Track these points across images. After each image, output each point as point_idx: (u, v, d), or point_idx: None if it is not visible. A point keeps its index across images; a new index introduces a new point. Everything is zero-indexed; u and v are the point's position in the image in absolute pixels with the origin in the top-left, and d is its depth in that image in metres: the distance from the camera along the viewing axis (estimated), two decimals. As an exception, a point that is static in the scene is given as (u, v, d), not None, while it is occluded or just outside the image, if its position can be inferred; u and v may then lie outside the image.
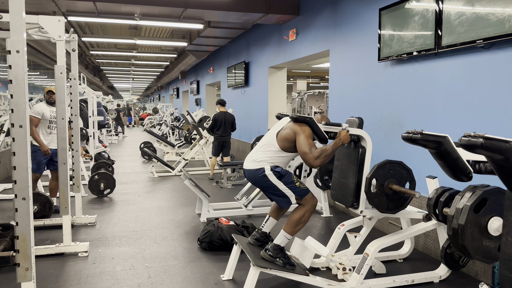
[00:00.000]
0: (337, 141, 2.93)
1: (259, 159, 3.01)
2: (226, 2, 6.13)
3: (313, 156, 2.84)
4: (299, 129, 2.95)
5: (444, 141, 2.45)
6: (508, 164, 1.52)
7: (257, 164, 3.00)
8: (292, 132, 2.97)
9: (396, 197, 3.04)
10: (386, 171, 2.98)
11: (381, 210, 3.01)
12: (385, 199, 3.01)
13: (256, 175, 3.00)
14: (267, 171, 2.95)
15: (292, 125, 3.01)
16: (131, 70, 20.45)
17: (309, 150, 2.85)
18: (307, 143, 2.88)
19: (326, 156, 2.86)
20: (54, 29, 3.43)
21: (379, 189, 2.97)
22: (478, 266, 3.26)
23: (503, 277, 1.59)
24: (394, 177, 3.00)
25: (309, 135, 2.92)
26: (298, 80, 20.34)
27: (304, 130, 2.93)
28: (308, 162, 2.88)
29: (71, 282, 3.16)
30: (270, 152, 3.01)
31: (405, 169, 3.06)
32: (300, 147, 2.90)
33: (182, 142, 11.55)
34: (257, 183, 3.05)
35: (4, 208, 5.36)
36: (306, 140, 2.88)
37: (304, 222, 3.00)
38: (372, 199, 2.96)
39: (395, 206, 3.05)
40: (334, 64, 5.49)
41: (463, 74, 3.40)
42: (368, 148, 3.04)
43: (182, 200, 5.89)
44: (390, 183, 2.99)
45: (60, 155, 3.61)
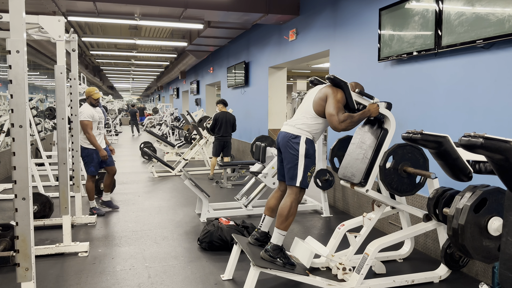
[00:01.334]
0: (366, 111, 2.99)
1: (299, 126, 3.03)
2: (226, 2, 6.13)
3: (338, 119, 2.87)
4: (332, 92, 2.97)
5: (444, 141, 2.45)
6: (508, 164, 1.52)
7: (297, 131, 3.01)
8: (325, 95, 2.99)
9: (407, 181, 3.03)
10: (405, 152, 2.99)
11: (389, 188, 3.00)
12: (396, 179, 3.00)
13: (289, 139, 3.01)
14: (302, 141, 2.98)
15: (326, 89, 3.03)
16: (131, 70, 20.45)
17: (336, 113, 2.88)
18: (336, 106, 2.91)
19: (351, 123, 2.90)
20: (54, 29, 3.43)
21: (393, 168, 2.98)
22: (478, 266, 3.26)
23: (503, 277, 1.59)
24: (410, 161, 3.00)
25: (339, 100, 2.95)
26: (298, 80, 20.33)
27: (336, 94, 2.96)
28: (333, 124, 2.90)
29: (71, 282, 3.16)
30: (309, 119, 3.03)
31: (423, 157, 3.05)
32: (328, 109, 2.93)
33: (182, 142, 11.55)
34: (285, 147, 3.05)
35: (4, 208, 5.36)
36: (335, 103, 2.92)
37: (293, 214, 3.01)
38: (384, 175, 2.95)
39: (403, 189, 3.04)
40: (334, 64, 5.48)
41: (463, 74, 3.40)
42: (390, 131, 3.05)
43: (182, 200, 5.89)
44: (405, 165, 2.99)
45: (60, 155, 3.61)
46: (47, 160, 6.66)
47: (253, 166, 5.12)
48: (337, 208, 5.45)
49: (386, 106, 3.26)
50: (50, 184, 6.58)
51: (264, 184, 5.02)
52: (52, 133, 10.81)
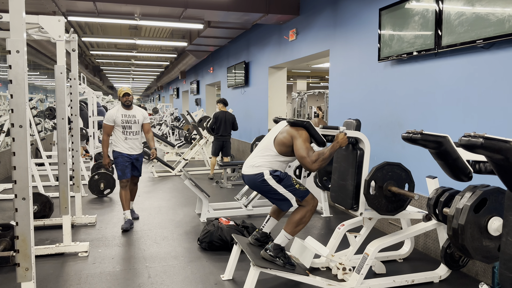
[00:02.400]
0: (334, 144, 2.93)
1: (257, 164, 3.00)
2: (226, 2, 6.13)
3: (310, 160, 2.84)
4: (296, 133, 2.94)
5: (444, 141, 2.45)
6: (508, 164, 1.52)
7: (256, 169, 2.99)
8: (290, 136, 2.96)
9: (395, 198, 3.04)
10: (384, 173, 2.98)
11: (381, 212, 3.02)
12: (384, 201, 3.01)
13: (255, 180, 2.99)
14: (266, 176, 2.95)
15: (289, 129, 3.00)
16: (131, 70, 20.45)
17: (306, 154, 2.84)
18: (305, 147, 2.87)
19: (323, 160, 2.86)
20: (54, 29, 3.43)
21: (378, 191, 2.97)
22: (478, 266, 3.26)
23: (503, 277, 1.59)
24: (393, 179, 3.00)
25: (306, 139, 2.92)
26: (298, 80, 20.33)
27: (301, 134, 2.93)
28: (306, 166, 2.88)
29: (71, 282, 3.16)
30: (268, 157, 3.00)
31: (404, 170, 3.06)
32: (297, 151, 2.90)
33: (182, 142, 11.55)
34: (257, 188, 3.05)
35: (4, 208, 5.36)
36: (303, 144, 2.88)
37: (305, 223, 3.00)
38: (371, 201, 2.96)
39: (394, 207, 3.06)
40: (334, 64, 5.48)
41: (463, 74, 3.40)
42: (366, 150, 3.04)
43: (182, 200, 5.89)
44: (389, 185, 2.99)
45: (60, 155, 3.61)
46: (47, 160, 6.66)
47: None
48: (337, 208, 5.45)
49: (356, 124, 3.25)
50: (50, 184, 6.58)
51: (264, 184, 5.01)
52: (52, 133, 10.81)
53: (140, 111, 4.68)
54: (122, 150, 4.53)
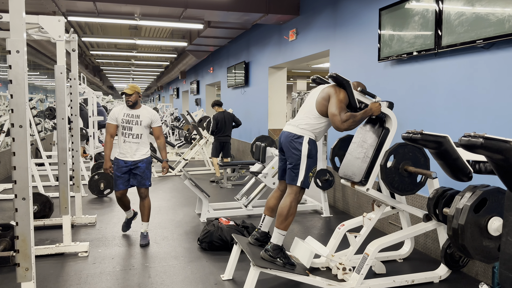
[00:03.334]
0: (368, 110, 2.99)
1: (302, 126, 3.03)
2: (226, 2, 6.13)
3: (341, 119, 2.88)
4: (334, 91, 2.98)
5: (444, 141, 2.45)
6: (508, 164, 1.52)
7: (300, 131, 3.02)
8: (327, 95, 3.00)
9: (407, 180, 3.03)
10: (406, 151, 2.99)
11: (390, 187, 3.00)
12: (397, 179, 3.00)
13: (293, 139, 3.01)
14: (305, 141, 2.98)
15: (328, 89, 3.03)
16: (131, 70, 20.45)
17: (338, 112, 2.89)
18: (338, 105, 2.91)
19: (353, 122, 2.91)
20: (54, 29, 3.43)
21: (394, 167, 2.98)
22: (478, 266, 3.26)
23: (503, 277, 1.59)
24: (411, 160, 3.01)
25: (342, 99, 2.96)
26: (298, 80, 20.32)
27: (339, 93, 2.97)
28: (335, 123, 2.91)
29: (71, 282, 3.16)
30: (312, 119, 3.03)
31: (424, 156, 3.06)
32: (330, 108, 2.94)
33: (182, 142, 11.55)
34: (289, 146, 3.05)
35: (4, 208, 5.36)
36: (338, 103, 2.92)
37: (293, 214, 3.01)
38: (385, 174, 2.95)
39: (404, 188, 3.04)
40: (334, 64, 5.48)
41: (463, 74, 3.40)
42: (392, 130, 3.05)
43: (182, 200, 5.89)
44: (406, 164, 2.99)
45: (60, 155, 3.61)
46: (47, 160, 6.66)
47: (253, 166, 5.12)
48: (337, 208, 5.45)
49: (388, 105, 3.26)
50: (50, 184, 6.58)
51: (264, 184, 5.02)
52: (52, 133, 10.81)
53: (148, 112, 4.04)
54: (118, 156, 4.01)
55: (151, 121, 4.04)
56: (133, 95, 3.97)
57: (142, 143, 4.02)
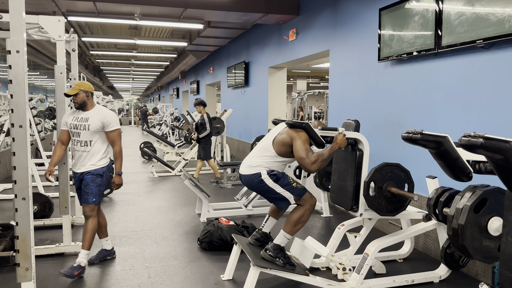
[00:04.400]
0: (333, 146, 2.93)
1: (255, 164, 3.00)
2: (226, 2, 6.13)
3: (310, 161, 2.85)
4: (296, 134, 2.95)
5: (444, 141, 2.45)
6: (508, 164, 1.52)
7: (254, 169, 2.99)
8: (289, 137, 2.97)
9: (395, 199, 3.04)
10: (384, 174, 2.98)
11: (381, 213, 3.02)
12: (384, 202, 3.01)
13: (252, 180, 3.00)
14: (263, 176, 2.95)
15: (288, 130, 3.01)
16: (131, 70, 20.46)
17: (305, 155, 2.85)
18: (304, 148, 2.88)
19: (323, 161, 2.87)
20: (54, 29, 3.43)
21: (377, 192, 2.97)
22: (478, 266, 3.26)
23: (503, 277, 1.59)
24: (392, 180, 3.01)
25: (305, 140, 2.92)
26: (298, 80, 20.33)
27: (301, 135, 2.94)
28: (305, 167, 2.89)
29: (71, 282, 3.15)
30: (267, 157, 3.00)
31: (403, 171, 3.06)
32: (296, 152, 2.90)
33: (182, 142, 11.55)
34: (254, 188, 3.05)
35: (4, 208, 5.36)
36: (303, 145, 2.88)
37: (304, 222, 3.00)
38: (371, 202, 2.96)
39: (394, 208, 3.06)
40: (334, 64, 5.48)
41: (463, 74, 3.40)
42: (365, 151, 3.04)
43: (182, 200, 5.89)
44: (388, 185, 2.99)
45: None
46: (47, 160, 6.66)
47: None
48: (337, 208, 5.45)
49: (355, 125, 3.26)
50: (50, 184, 6.58)
51: (264, 184, 5.01)
52: (52, 133, 10.81)
53: (99, 114, 3.31)
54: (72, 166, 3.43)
55: (102, 124, 3.29)
56: (78, 94, 3.28)
57: (93, 151, 3.31)
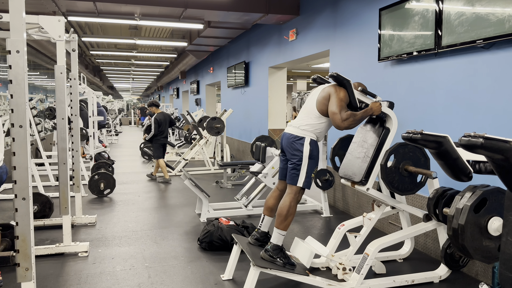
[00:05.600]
0: (368, 110, 3.00)
1: (303, 127, 3.03)
2: (226, 2, 6.13)
3: (341, 117, 2.89)
4: (334, 91, 2.99)
5: (444, 141, 2.45)
6: (508, 164, 1.52)
7: (301, 132, 3.02)
8: (328, 94, 3.00)
9: (408, 180, 3.03)
10: (406, 151, 2.99)
11: (391, 187, 3.00)
12: (397, 178, 3.00)
13: (294, 140, 3.02)
14: (306, 142, 2.98)
15: (329, 88, 3.04)
16: (131, 70, 20.45)
17: (338, 111, 2.89)
18: (339, 104, 2.92)
19: (354, 121, 2.92)
20: (54, 29, 3.43)
21: (394, 167, 2.98)
22: (478, 266, 3.26)
23: (503, 277, 1.59)
24: (411, 160, 3.01)
25: (342, 98, 2.96)
26: (298, 80, 20.33)
27: (339, 93, 2.98)
28: (336, 122, 2.92)
29: (71, 282, 3.16)
30: (313, 119, 3.03)
31: (424, 156, 3.06)
32: (330, 107, 2.94)
33: (182, 142, 11.55)
34: (290, 147, 3.05)
35: (4, 208, 5.36)
36: (338, 102, 2.93)
37: (293, 214, 3.01)
38: (385, 174, 2.95)
39: (404, 188, 3.04)
40: (334, 64, 5.48)
41: (463, 74, 3.40)
42: (392, 130, 3.05)
43: (182, 200, 5.89)
44: (406, 164, 2.99)
45: (60, 155, 3.61)
46: (47, 160, 6.67)
47: (253, 166, 5.12)
48: (337, 208, 5.45)
49: (389, 105, 3.27)
50: (50, 184, 6.59)
51: (264, 184, 5.02)
52: (52, 133, 10.81)
53: None
54: None
55: None
56: None
57: None
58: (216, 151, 9.18)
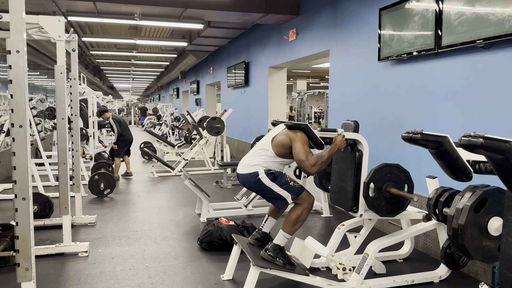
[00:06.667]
0: (333, 147, 2.93)
1: (252, 163, 2.99)
2: (226, 2, 6.13)
3: (309, 164, 2.84)
4: (295, 136, 2.94)
5: (444, 141, 2.45)
6: (508, 164, 1.52)
7: (251, 168, 2.98)
8: (288, 138, 2.96)
9: (395, 200, 3.04)
10: (383, 174, 2.98)
11: (380, 213, 3.01)
12: (384, 203, 3.01)
13: (250, 179, 2.99)
14: (260, 174, 2.94)
15: (287, 132, 3.01)
16: (131, 70, 20.45)
17: (305, 158, 2.85)
18: (304, 150, 2.87)
19: (322, 163, 2.87)
20: (54, 29, 3.43)
21: (377, 193, 2.97)
22: (478, 266, 3.26)
23: (503, 277, 1.59)
24: (392, 180, 3.00)
25: (305, 142, 2.92)
26: (298, 80, 20.34)
27: (300, 137, 2.93)
28: (305, 169, 2.88)
29: (71, 282, 3.16)
30: (265, 157, 3.00)
31: (403, 171, 3.06)
32: (296, 155, 2.89)
33: (182, 142, 11.55)
34: (251, 187, 3.04)
35: (4, 208, 5.36)
36: (302, 147, 2.88)
37: (302, 221, 3.00)
38: (371, 203, 2.96)
39: (394, 209, 3.05)
40: (334, 64, 5.48)
41: (463, 74, 3.40)
42: (364, 152, 3.04)
43: (182, 200, 5.89)
44: (388, 186, 2.99)
45: (60, 155, 3.61)
46: (47, 160, 6.67)
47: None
48: (337, 208, 5.45)
49: (354, 126, 3.25)
50: (50, 184, 6.59)
51: (264, 184, 5.01)
52: (52, 133, 10.81)
53: None
54: None
55: None
56: None
57: None
58: (216, 151, 9.18)
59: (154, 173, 8.11)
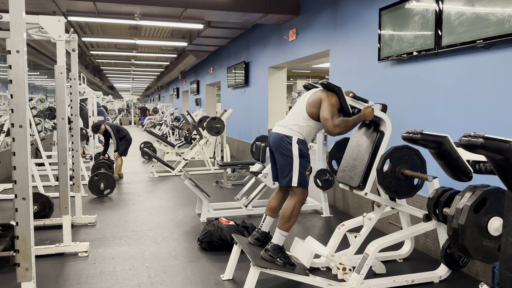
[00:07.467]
0: (361, 115, 2.99)
1: (290, 127, 3.02)
2: (226, 2, 6.13)
3: (333, 123, 2.87)
4: (326, 95, 2.98)
5: (444, 141, 2.45)
6: (508, 164, 1.52)
7: (288, 131, 3.01)
8: (319, 98, 2.99)
9: (405, 183, 3.02)
10: (401, 154, 2.98)
11: (388, 191, 2.99)
12: (394, 183, 2.99)
13: (282, 140, 3.00)
14: (294, 141, 2.97)
15: (320, 93, 3.03)
16: (131, 70, 20.45)
17: (330, 117, 2.88)
18: (331, 110, 2.91)
19: (346, 127, 2.90)
20: (54, 29, 3.43)
21: (390, 171, 2.97)
22: (478, 266, 3.26)
23: (503, 277, 1.59)
24: (407, 163, 3.00)
25: (334, 104, 2.95)
26: (298, 80, 20.34)
27: (331, 98, 2.96)
28: (327, 128, 2.91)
29: (71, 282, 3.16)
30: (300, 120, 3.03)
31: (420, 159, 3.05)
32: (322, 113, 2.93)
33: (182, 142, 11.55)
34: (278, 147, 3.04)
35: (4, 208, 5.36)
36: (329, 107, 2.91)
37: (296, 216, 3.01)
38: (382, 179, 2.95)
39: (401, 192, 3.04)
40: (334, 64, 5.48)
41: (463, 74, 3.40)
42: (386, 133, 3.05)
43: (182, 200, 5.89)
44: (402, 167, 2.99)
45: (60, 155, 3.61)
46: (47, 160, 6.67)
47: (253, 166, 5.12)
48: (337, 208, 5.45)
49: (381, 108, 3.26)
50: (50, 184, 6.59)
51: (264, 184, 5.02)
52: (52, 133, 10.81)
53: None
54: None
55: None
56: None
57: None
58: (216, 151, 9.18)
59: (154, 173, 8.10)
